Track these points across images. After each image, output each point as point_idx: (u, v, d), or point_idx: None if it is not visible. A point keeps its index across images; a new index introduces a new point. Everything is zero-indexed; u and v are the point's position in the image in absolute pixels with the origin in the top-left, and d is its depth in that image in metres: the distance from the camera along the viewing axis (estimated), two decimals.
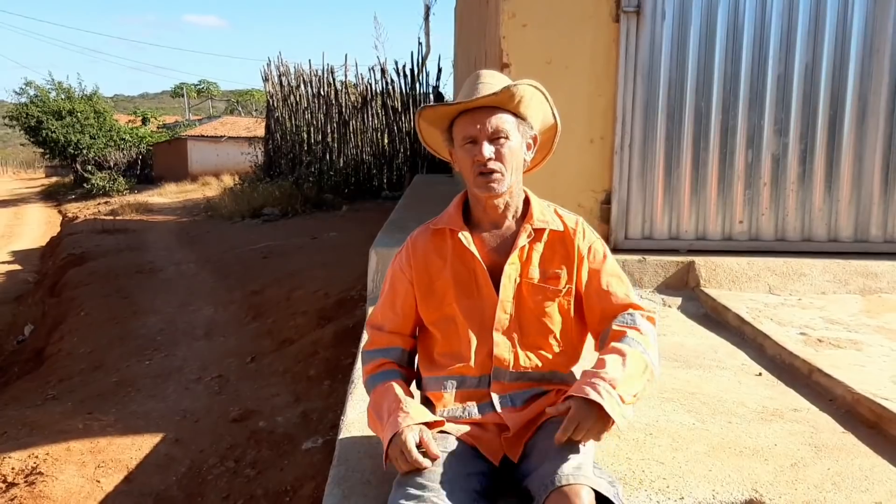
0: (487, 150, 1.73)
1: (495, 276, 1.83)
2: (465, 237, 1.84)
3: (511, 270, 1.83)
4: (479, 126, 1.74)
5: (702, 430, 2.37)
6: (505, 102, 1.75)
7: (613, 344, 1.76)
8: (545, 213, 1.89)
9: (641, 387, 1.70)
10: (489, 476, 1.73)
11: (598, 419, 1.60)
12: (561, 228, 1.88)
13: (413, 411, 1.72)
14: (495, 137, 1.74)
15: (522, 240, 1.84)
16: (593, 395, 1.60)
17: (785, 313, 3.69)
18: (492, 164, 1.74)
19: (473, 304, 1.84)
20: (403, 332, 1.94)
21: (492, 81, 1.78)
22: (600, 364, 1.70)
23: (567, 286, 1.85)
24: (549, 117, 1.87)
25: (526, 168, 1.87)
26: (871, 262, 4.20)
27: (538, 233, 1.86)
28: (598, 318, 1.87)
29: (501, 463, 1.75)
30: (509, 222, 1.87)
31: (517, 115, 1.79)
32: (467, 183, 1.83)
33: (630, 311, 1.84)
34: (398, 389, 1.79)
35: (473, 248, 1.84)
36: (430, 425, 1.71)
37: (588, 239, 1.89)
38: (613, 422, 1.60)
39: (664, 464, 2.11)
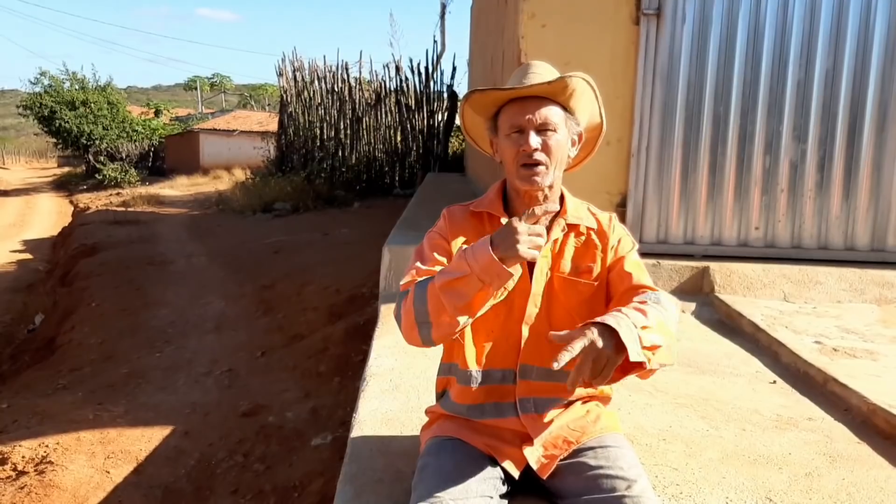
0: (534, 140, 1.67)
1: (528, 269, 1.76)
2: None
3: (542, 263, 1.76)
4: (527, 115, 1.68)
5: (715, 437, 2.36)
6: (556, 94, 1.71)
7: (632, 302, 1.66)
8: (579, 210, 1.84)
9: (661, 341, 1.52)
10: (506, 482, 1.70)
11: (614, 349, 1.45)
12: (595, 226, 1.83)
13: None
14: (543, 129, 1.69)
15: (556, 233, 1.78)
16: (610, 322, 1.46)
17: (800, 321, 3.66)
18: (537, 156, 1.68)
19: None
20: None
21: (544, 72, 1.74)
22: (618, 311, 1.56)
23: (597, 281, 1.80)
24: (596, 115, 1.82)
25: (567, 166, 1.81)
26: (888, 272, 4.16)
27: (571, 227, 1.80)
28: (616, 300, 1.77)
29: (522, 474, 1.70)
30: (545, 219, 1.79)
31: (566, 108, 1.73)
32: (508, 175, 1.77)
33: (651, 292, 1.77)
34: None
35: None
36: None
37: (618, 232, 1.85)
38: (627, 355, 1.44)
39: (678, 470, 2.10)
